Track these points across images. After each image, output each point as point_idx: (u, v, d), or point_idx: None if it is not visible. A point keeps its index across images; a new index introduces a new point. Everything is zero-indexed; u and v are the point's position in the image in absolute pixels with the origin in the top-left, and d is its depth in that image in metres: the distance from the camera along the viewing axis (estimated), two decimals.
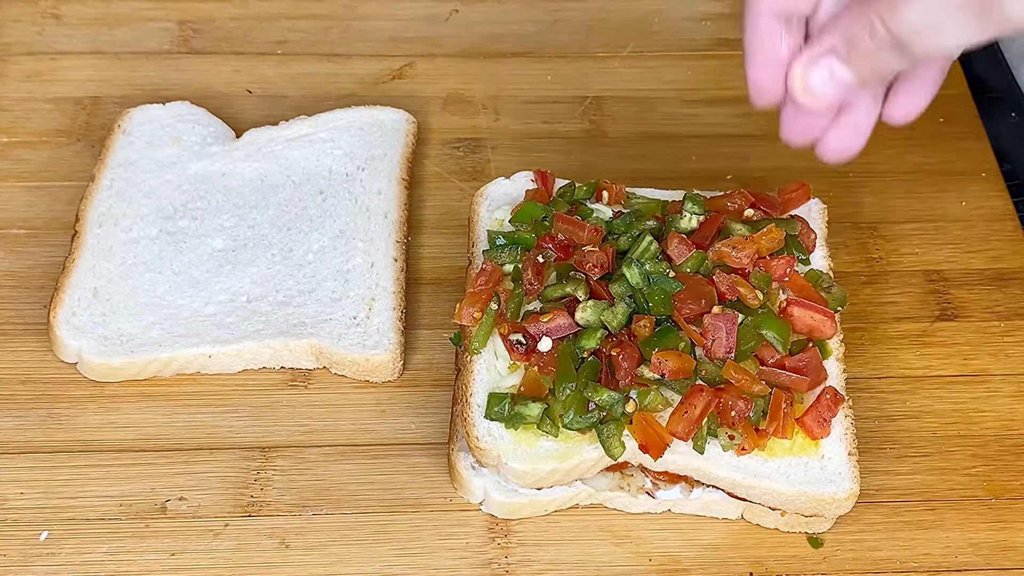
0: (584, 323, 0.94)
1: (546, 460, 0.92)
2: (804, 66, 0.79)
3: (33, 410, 1.02)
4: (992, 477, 1.00)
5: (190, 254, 1.09)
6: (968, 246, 1.16)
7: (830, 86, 0.79)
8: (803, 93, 0.79)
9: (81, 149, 1.21)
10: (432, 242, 1.15)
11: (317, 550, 0.95)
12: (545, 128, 1.25)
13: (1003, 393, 1.06)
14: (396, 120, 1.20)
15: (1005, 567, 0.96)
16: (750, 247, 0.97)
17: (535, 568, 0.95)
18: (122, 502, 0.97)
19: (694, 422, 0.91)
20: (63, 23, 1.33)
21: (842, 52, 0.77)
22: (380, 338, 1.04)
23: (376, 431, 1.02)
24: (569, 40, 1.33)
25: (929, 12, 0.72)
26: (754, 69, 0.81)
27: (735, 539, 0.97)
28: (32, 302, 1.09)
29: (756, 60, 0.81)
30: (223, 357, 1.04)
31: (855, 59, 0.77)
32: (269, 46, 1.32)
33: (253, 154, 1.17)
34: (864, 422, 1.02)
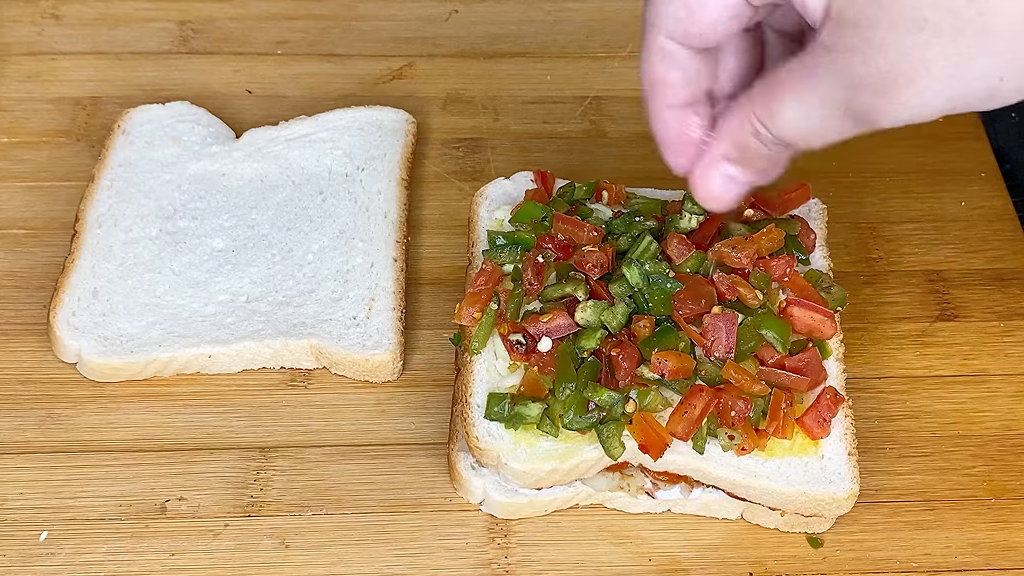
0: (584, 323, 0.94)
1: (546, 460, 0.92)
2: (701, 177, 0.80)
3: (33, 410, 1.02)
4: (992, 477, 1.00)
5: (190, 254, 1.09)
6: (968, 246, 1.16)
7: (730, 188, 0.81)
8: (707, 201, 0.81)
9: (81, 149, 1.21)
10: (432, 242, 1.15)
11: (317, 550, 0.95)
12: (545, 128, 1.25)
13: (1003, 393, 1.06)
14: (396, 120, 1.21)
15: (1005, 567, 0.96)
16: (750, 247, 0.97)
17: (535, 568, 0.95)
18: (122, 502, 0.97)
19: (694, 422, 0.91)
20: (63, 23, 1.33)
21: (733, 156, 0.79)
22: (380, 338, 1.04)
23: (376, 431, 1.02)
24: (569, 40, 1.33)
25: (806, 117, 0.74)
26: (671, 156, 0.82)
27: (735, 539, 0.97)
28: (32, 302, 1.09)
29: (671, 149, 0.82)
30: (223, 357, 1.04)
31: (747, 160, 0.79)
32: (269, 46, 1.32)
33: (253, 154, 1.17)
34: (864, 422, 1.02)
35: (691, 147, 0.82)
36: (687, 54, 0.77)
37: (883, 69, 0.69)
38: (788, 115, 0.74)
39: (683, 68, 0.78)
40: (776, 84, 0.75)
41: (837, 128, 0.74)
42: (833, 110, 0.73)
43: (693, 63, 0.78)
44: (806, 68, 0.73)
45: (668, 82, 0.79)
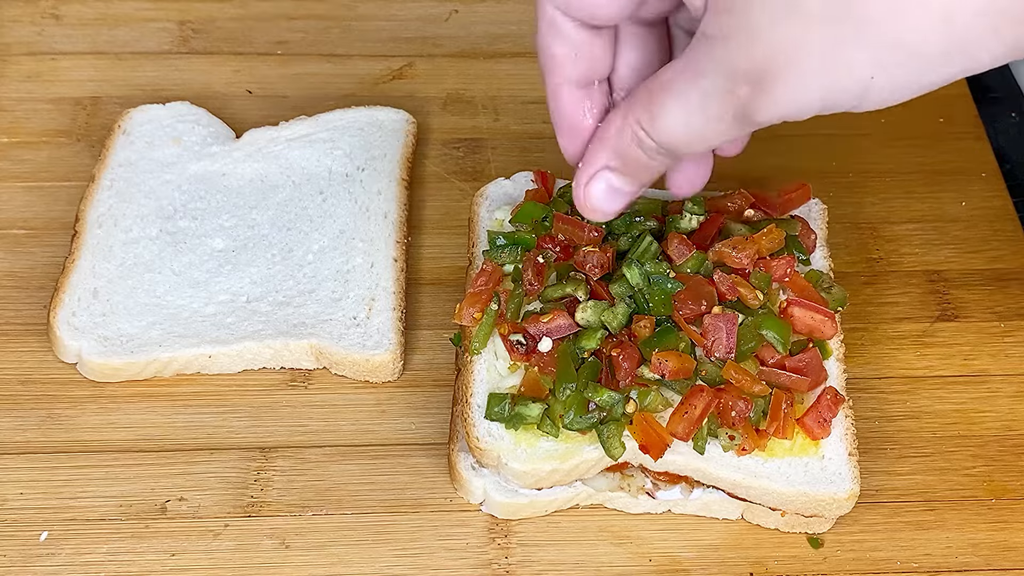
0: (584, 323, 0.94)
1: (546, 460, 0.92)
2: (583, 185, 0.79)
3: (33, 410, 1.02)
4: (992, 477, 1.00)
5: (190, 254, 1.09)
6: (968, 246, 1.16)
7: (613, 199, 0.80)
8: (589, 211, 0.80)
9: (81, 149, 1.21)
10: (432, 242, 1.15)
11: (317, 550, 0.95)
12: (545, 128, 1.25)
13: (1003, 393, 1.06)
14: (396, 120, 1.21)
15: (1005, 567, 0.96)
16: (750, 247, 0.97)
17: (535, 568, 0.95)
18: (122, 502, 0.97)
19: (694, 422, 0.91)
20: (63, 23, 1.33)
21: (616, 166, 0.78)
22: (380, 338, 1.04)
23: (376, 431, 1.02)
24: None
25: (686, 116, 0.73)
26: (563, 139, 0.82)
27: (735, 539, 0.97)
28: (32, 302, 1.09)
29: (563, 131, 0.81)
30: (223, 357, 1.04)
31: (630, 170, 0.78)
32: (269, 46, 1.32)
33: (253, 154, 1.17)
34: (864, 422, 1.02)
35: (583, 132, 0.81)
36: (574, 27, 0.76)
37: (757, 58, 0.68)
38: (670, 117, 0.73)
39: (572, 43, 0.77)
40: (658, 85, 0.74)
41: (718, 128, 0.73)
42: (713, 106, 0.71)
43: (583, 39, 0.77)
44: (687, 63, 0.71)
45: (557, 56, 0.78)
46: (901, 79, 0.67)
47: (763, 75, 0.68)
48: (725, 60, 0.69)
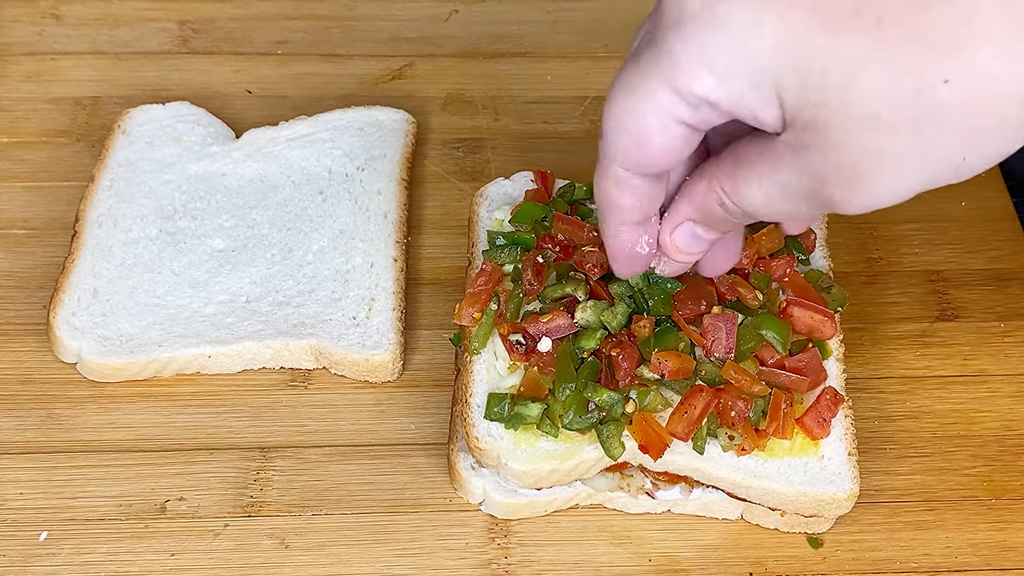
0: (584, 323, 0.94)
1: (546, 460, 0.92)
2: (669, 233, 0.82)
3: (33, 410, 1.02)
4: (992, 477, 1.00)
5: (190, 254, 1.09)
6: (968, 246, 1.16)
7: (697, 243, 0.83)
8: (676, 253, 0.83)
9: (81, 149, 1.21)
10: (432, 242, 1.15)
11: (317, 550, 0.95)
12: (545, 128, 1.25)
13: (1003, 393, 1.06)
14: (396, 120, 1.21)
15: (1005, 567, 0.96)
16: (750, 247, 0.97)
17: (535, 568, 0.95)
18: (122, 502, 0.97)
19: (694, 422, 0.91)
20: (63, 23, 1.33)
21: (698, 219, 0.81)
22: (380, 338, 1.04)
23: (376, 431, 1.02)
24: (569, 40, 1.33)
25: (768, 198, 0.75)
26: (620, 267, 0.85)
27: (735, 539, 0.97)
28: (32, 302, 1.09)
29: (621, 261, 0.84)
30: (223, 357, 1.04)
31: (711, 223, 0.81)
32: (269, 46, 1.32)
33: (253, 154, 1.17)
34: (864, 422, 1.02)
35: (640, 260, 0.84)
36: (640, 181, 0.78)
37: (845, 164, 0.69)
38: (752, 196, 0.75)
39: (637, 193, 0.79)
40: (742, 160, 0.75)
41: (799, 212, 0.75)
42: (797, 197, 0.73)
43: (646, 187, 0.79)
44: (771, 156, 0.73)
45: (623, 206, 0.80)
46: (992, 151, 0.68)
47: (853, 179, 0.70)
48: (810, 168, 0.71)
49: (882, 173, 0.69)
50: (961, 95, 0.65)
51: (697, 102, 0.71)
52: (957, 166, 0.69)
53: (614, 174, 0.78)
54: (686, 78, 0.70)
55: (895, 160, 0.68)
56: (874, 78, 0.66)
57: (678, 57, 0.70)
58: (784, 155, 0.72)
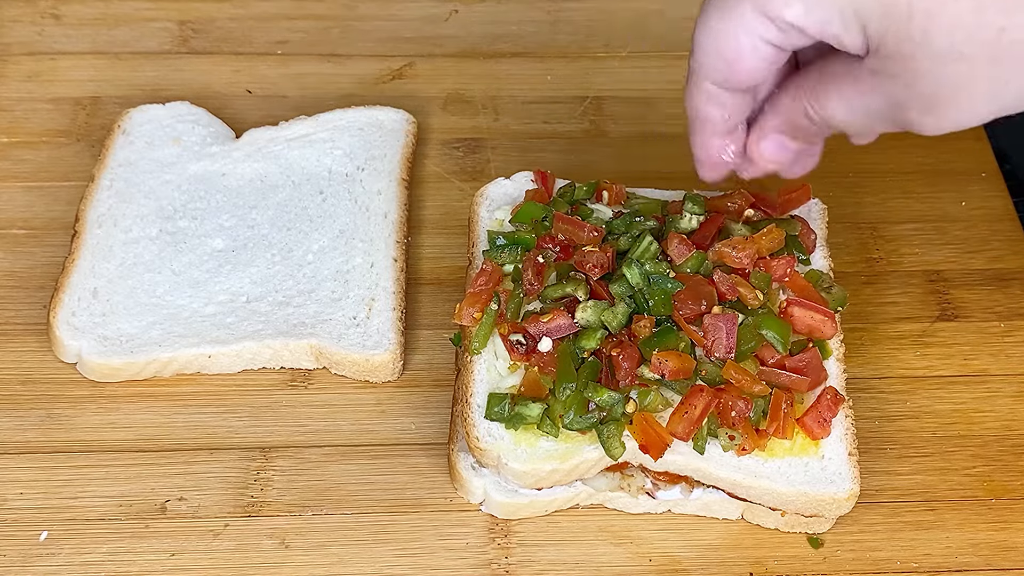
0: (584, 323, 0.94)
1: (546, 460, 0.92)
2: (756, 142, 0.87)
3: (33, 410, 1.02)
4: (992, 477, 1.00)
5: (190, 254, 1.09)
6: (968, 246, 1.16)
7: (783, 153, 0.87)
8: (763, 162, 0.88)
9: (81, 149, 1.21)
10: (432, 242, 1.15)
11: (317, 550, 0.95)
12: (545, 128, 1.25)
13: (1003, 393, 1.06)
14: (396, 120, 1.21)
15: (1005, 567, 0.96)
16: (750, 247, 0.97)
17: (535, 568, 0.95)
18: (122, 502, 0.97)
19: (694, 422, 0.91)
20: (63, 23, 1.33)
21: (786, 130, 0.85)
22: (380, 338, 1.04)
23: (376, 431, 1.02)
24: (569, 40, 1.33)
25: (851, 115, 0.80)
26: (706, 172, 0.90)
27: (735, 539, 0.97)
28: (32, 302, 1.09)
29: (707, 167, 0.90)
30: (223, 357, 1.04)
31: (797, 133, 0.85)
32: (269, 46, 1.32)
33: (253, 154, 1.17)
34: (864, 422, 1.02)
35: (724, 167, 0.89)
36: (729, 95, 0.83)
37: (926, 92, 0.74)
38: (836, 110, 0.80)
39: (725, 106, 0.84)
40: (828, 78, 0.80)
41: (881, 129, 0.80)
42: (879, 117, 0.78)
43: (734, 100, 0.84)
44: (855, 77, 0.77)
45: (712, 118, 0.86)
46: None
47: (932, 105, 0.75)
48: (891, 92, 0.76)
49: (959, 101, 0.74)
50: None
51: (786, 27, 0.76)
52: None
53: (705, 89, 0.83)
54: (778, 5, 0.75)
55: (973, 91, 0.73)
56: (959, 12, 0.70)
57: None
58: (867, 79, 0.76)
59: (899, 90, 0.75)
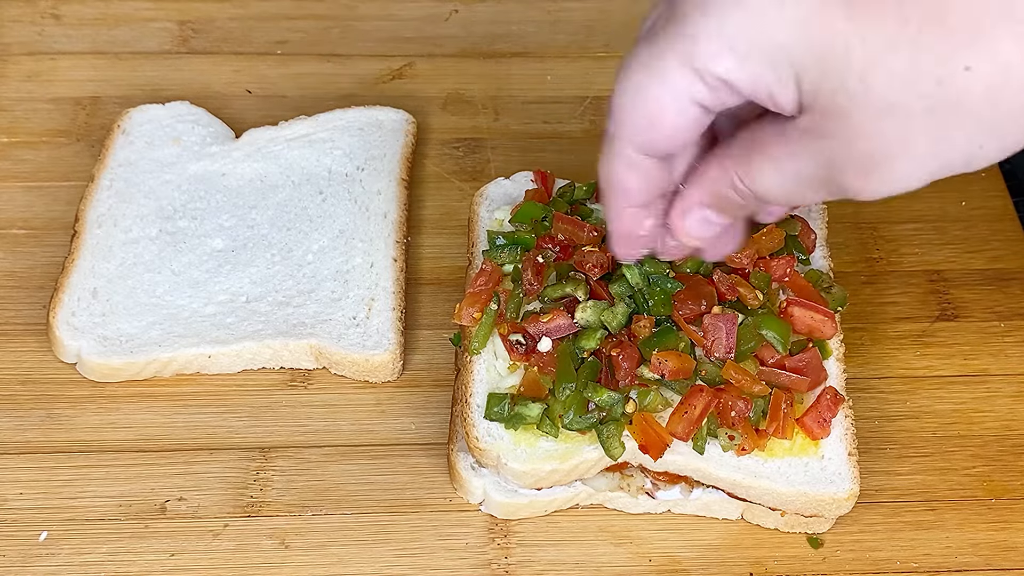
0: (584, 323, 0.94)
1: (546, 460, 0.92)
2: (680, 217, 0.81)
3: (33, 410, 1.02)
4: (992, 477, 1.00)
5: (190, 254, 1.09)
6: (968, 246, 1.16)
7: (708, 228, 0.81)
8: (686, 238, 0.82)
9: (81, 149, 1.21)
10: (432, 242, 1.15)
11: (317, 550, 0.95)
12: (545, 128, 1.25)
13: (1003, 393, 1.06)
14: (396, 120, 1.21)
15: (1005, 567, 0.96)
16: (750, 247, 0.97)
17: (535, 568, 0.95)
18: (122, 502, 0.97)
19: (694, 422, 0.91)
20: (63, 23, 1.33)
21: (711, 203, 0.80)
22: (380, 338, 1.04)
23: (376, 431, 1.02)
24: (569, 40, 1.33)
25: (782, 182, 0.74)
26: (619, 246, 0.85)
27: (735, 539, 0.97)
28: (32, 302, 1.09)
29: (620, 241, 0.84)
30: (223, 357, 1.04)
31: (724, 207, 0.80)
32: (269, 46, 1.32)
33: (253, 154, 1.17)
34: (864, 422, 1.02)
35: (640, 242, 0.84)
36: (650, 163, 0.78)
37: (862, 152, 0.69)
38: (767, 178, 0.75)
39: (645, 175, 0.79)
40: (756, 145, 0.75)
41: (811, 197, 0.75)
42: (810, 181, 0.73)
43: (654, 169, 0.79)
44: (786, 140, 0.73)
45: (630, 188, 0.80)
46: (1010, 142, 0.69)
47: (867, 165, 0.70)
48: (825, 152, 0.71)
49: (898, 160, 0.69)
50: (981, 84, 0.65)
51: (716, 83, 0.71)
52: (973, 155, 0.69)
53: (624, 156, 0.78)
54: (706, 59, 0.70)
55: (912, 148, 0.68)
56: (895, 65, 0.66)
57: (698, 37, 0.70)
58: (800, 140, 0.72)
59: (834, 150, 0.70)
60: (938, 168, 0.70)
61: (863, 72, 0.66)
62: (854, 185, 0.71)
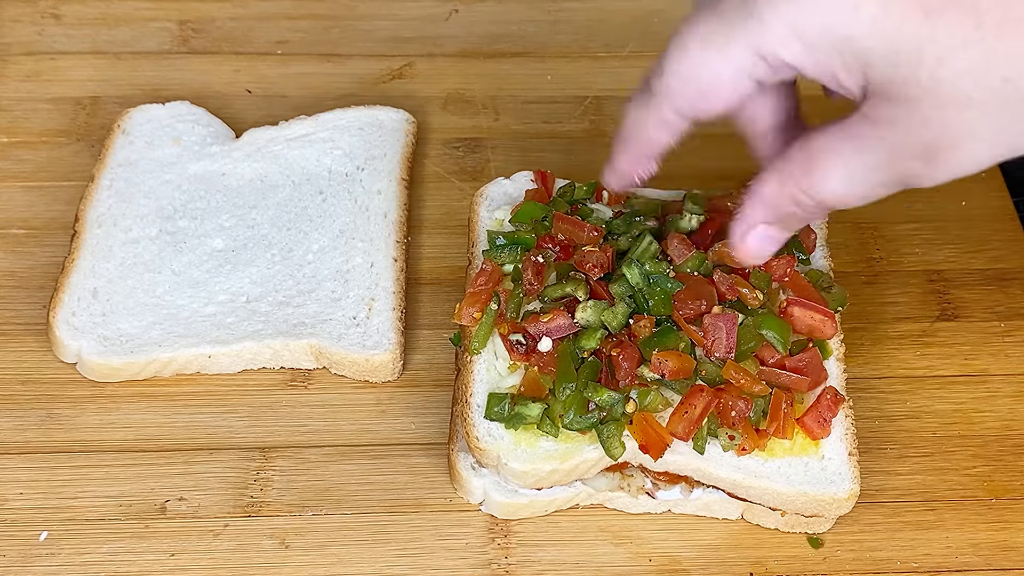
0: (584, 323, 0.94)
1: (546, 460, 0.92)
2: (741, 238, 0.83)
3: (33, 410, 1.02)
4: (992, 477, 1.00)
5: (190, 254, 1.09)
6: (968, 246, 1.16)
7: (770, 245, 0.83)
8: (748, 258, 0.84)
9: (81, 149, 1.21)
10: (432, 242, 1.15)
11: (317, 550, 0.95)
12: (545, 128, 1.25)
13: (1003, 393, 1.06)
14: (396, 120, 1.21)
15: (1005, 567, 0.96)
16: None
17: (535, 568, 0.95)
18: (122, 502, 0.97)
19: (694, 422, 0.91)
20: (63, 23, 1.33)
21: (772, 221, 0.81)
22: (380, 338, 1.04)
23: (376, 431, 1.02)
24: (569, 40, 1.33)
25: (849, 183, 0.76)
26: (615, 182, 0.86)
27: (735, 539, 0.97)
28: (32, 302, 1.09)
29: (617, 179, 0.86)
30: (223, 357, 1.04)
31: (785, 223, 0.82)
32: (269, 46, 1.32)
33: (253, 154, 1.17)
34: (864, 422, 1.02)
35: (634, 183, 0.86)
36: (683, 124, 0.80)
37: (929, 140, 0.72)
38: (832, 183, 0.76)
39: (672, 133, 0.81)
40: (817, 152, 0.76)
41: (879, 191, 0.76)
42: (878, 175, 0.75)
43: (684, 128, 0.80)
44: (848, 136, 0.75)
45: (655, 142, 0.82)
46: None
47: (935, 153, 0.72)
48: (892, 140, 0.73)
49: (963, 146, 0.72)
50: None
51: (779, 64, 0.73)
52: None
53: (660, 113, 0.79)
54: (774, 44, 0.72)
55: (978, 135, 0.71)
56: (966, 61, 0.69)
57: (770, 25, 0.72)
58: (865, 129, 0.74)
59: (900, 137, 0.73)
60: (1000, 153, 0.73)
61: (936, 65, 0.69)
62: (920, 170, 0.73)
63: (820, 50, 0.72)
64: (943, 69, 0.69)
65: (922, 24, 0.69)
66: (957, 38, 0.68)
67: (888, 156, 0.74)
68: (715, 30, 0.74)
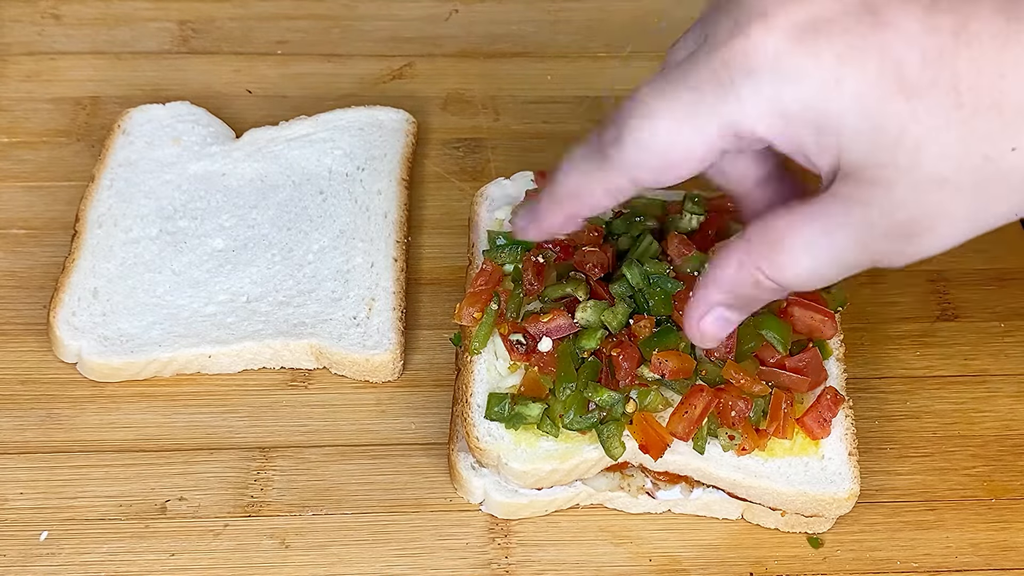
0: (584, 323, 0.94)
1: (546, 460, 0.92)
2: (696, 321, 0.80)
3: (33, 410, 1.02)
4: (992, 477, 1.00)
5: (190, 254, 1.09)
6: (968, 246, 1.14)
7: (725, 328, 0.81)
8: (703, 342, 0.82)
9: (81, 149, 1.21)
10: (432, 242, 1.15)
11: (317, 550, 0.95)
12: (545, 128, 1.25)
13: (1003, 393, 1.06)
14: (396, 120, 1.21)
15: (1005, 567, 0.96)
16: None
17: (535, 568, 0.95)
18: (122, 502, 0.97)
19: (694, 422, 0.91)
20: (63, 23, 1.33)
21: (729, 303, 0.79)
22: (380, 338, 1.04)
23: (376, 431, 1.02)
24: (569, 40, 1.33)
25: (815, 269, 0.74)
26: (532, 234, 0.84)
27: (735, 539, 0.97)
28: (32, 302, 1.09)
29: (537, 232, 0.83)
30: (223, 357, 1.04)
31: (742, 305, 0.79)
32: (269, 46, 1.32)
33: (253, 154, 1.17)
34: (864, 422, 1.02)
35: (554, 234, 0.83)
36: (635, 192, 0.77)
37: (903, 221, 0.70)
38: (798, 267, 0.74)
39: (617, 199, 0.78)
40: (782, 234, 0.74)
41: (847, 273, 0.74)
42: (847, 257, 0.73)
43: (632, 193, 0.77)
44: (816, 216, 0.72)
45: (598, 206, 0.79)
46: None
47: (908, 234, 0.71)
48: (865, 221, 0.71)
49: (938, 227, 0.71)
50: None
51: (753, 140, 0.71)
52: (1008, 217, 0.72)
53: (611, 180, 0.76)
54: (751, 122, 0.70)
55: (952, 215, 0.70)
56: (946, 143, 0.68)
57: (747, 103, 0.70)
58: (835, 209, 0.71)
59: (872, 219, 0.70)
60: (974, 230, 0.72)
61: (914, 148, 0.68)
62: (891, 251, 0.72)
63: (796, 125, 0.70)
64: (923, 150, 0.68)
65: (903, 105, 0.67)
66: (940, 118, 0.67)
67: (859, 238, 0.71)
68: (686, 101, 0.71)
